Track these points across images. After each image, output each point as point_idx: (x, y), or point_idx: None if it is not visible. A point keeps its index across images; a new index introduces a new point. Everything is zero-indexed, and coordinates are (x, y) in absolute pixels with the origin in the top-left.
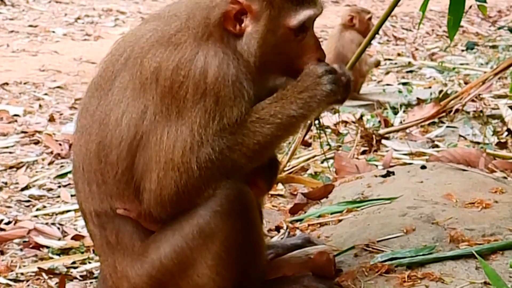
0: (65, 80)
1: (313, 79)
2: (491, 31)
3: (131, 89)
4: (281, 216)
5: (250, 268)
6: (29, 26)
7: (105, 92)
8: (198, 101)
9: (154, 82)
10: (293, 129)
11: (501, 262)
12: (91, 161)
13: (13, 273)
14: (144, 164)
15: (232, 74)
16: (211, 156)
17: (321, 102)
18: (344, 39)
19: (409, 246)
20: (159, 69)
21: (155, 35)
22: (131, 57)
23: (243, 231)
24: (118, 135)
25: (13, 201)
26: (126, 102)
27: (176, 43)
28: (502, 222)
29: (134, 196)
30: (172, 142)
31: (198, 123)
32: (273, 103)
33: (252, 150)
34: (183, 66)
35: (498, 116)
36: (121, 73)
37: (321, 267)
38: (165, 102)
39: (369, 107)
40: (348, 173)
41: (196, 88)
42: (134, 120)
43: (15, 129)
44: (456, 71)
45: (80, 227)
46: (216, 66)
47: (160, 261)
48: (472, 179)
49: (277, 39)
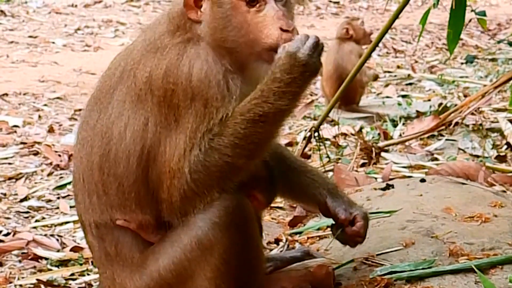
0: (65, 91)
1: (288, 61)
2: (491, 44)
3: (129, 102)
4: (280, 229)
5: (249, 280)
6: (29, 37)
7: (104, 105)
8: (189, 106)
9: (148, 92)
10: (281, 120)
11: (500, 276)
12: (93, 173)
13: (11, 285)
14: (158, 176)
15: (216, 73)
16: (199, 158)
17: (303, 83)
18: (343, 50)
19: (408, 260)
20: (151, 78)
21: (144, 45)
22: (126, 70)
23: (242, 243)
24: (125, 148)
25: (12, 212)
26: (127, 115)
27: (162, 48)
28: (501, 236)
29: (136, 207)
30: (173, 151)
31: (190, 129)
32: (254, 99)
33: (246, 149)
34: (170, 73)
35: (497, 130)
36: (118, 86)
37: (320, 280)
38: (163, 112)
39: (369, 120)
40: (347, 185)
41: (186, 94)
42: (138, 133)
43: (14, 140)
44: (456, 84)
45: (79, 239)
46: (199, 69)
47: (159, 273)
48: (471, 192)
49: (226, 11)
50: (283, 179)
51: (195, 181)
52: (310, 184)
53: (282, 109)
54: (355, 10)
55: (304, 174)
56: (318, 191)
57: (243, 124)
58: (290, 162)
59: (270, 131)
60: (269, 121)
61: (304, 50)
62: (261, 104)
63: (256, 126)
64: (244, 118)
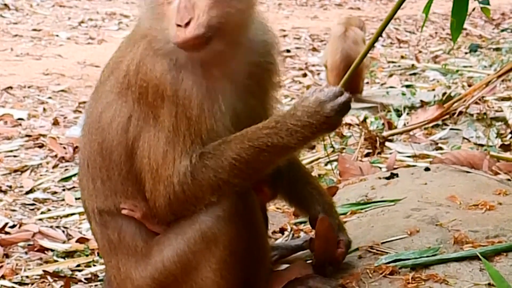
0: (69, 83)
1: (314, 106)
2: (495, 34)
3: (115, 94)
4: (285, 218)
5: (254, 271)
6: (33, 30)
7: (99, 94)
8: (161, 105)
9: (126, 88)
10: (285, 155)
11: (505, 263)
12: (96, 158)
13: (18, 276)
14: (139, 171)
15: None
16: (189, 170)
17: (317, 132)
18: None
19: (413, 248)
20: (127, 72)
21: (130, 34)
22: (116, 61)
23: (247, 234)
24: (113, 138)
25: (17, 204)
26: (113, 106)
27: (138, 39)
28: (506, 224)
29: (138, 194)
30: (153, 150)
31: (168, 129)
32: (266, 128)
33: (245, 172)
34: (140, 69)
35: (501, 119)
36: (110, 76)
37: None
38: (141, 108)
39: (373, 110)
40: (352, 175)
41: (156, 91)
42: (122, 125)
43: (19, 132)
44: (460, 73)
45: (85, 230)
46: (153, 66)
47: (163, 264)
48: (476, 181)
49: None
50: (283, 182)
51: (184, 192)
52: (307, 197)
53: (289, 146)
54: (359, 1)
55: (305, 185)
56: (313, 206)
57: (250, 150)
58: (295, 168)
59: (272, 161)
60: (274, 153)
61: (334, 104)
62: (272, 136)
63: (260, 154)
64: (252, 145)
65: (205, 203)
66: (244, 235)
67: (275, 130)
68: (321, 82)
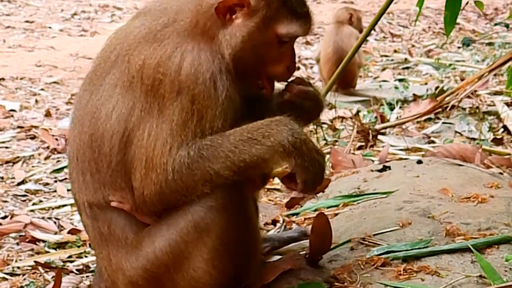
0: (62, 75)
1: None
2: (488, 28)
3: (120, 87)
4: (278, 210)
5: (246, 261)
6: (26, 21)
7: (96, 87)
8: (175, 98)
9: (139, 80)
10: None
11: (496, 256)
12: (85, 151)
13: (9, 267)
14: (131, 161)
15: (206, 71)
16: (185, 160)
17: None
18: (342, 33)
19: (405, 240)
20: (143, 67)
21: (142, 32)
22: (120, 55)
23: (239, 224)
24: (109, 129)
25: (9, 195)
26: (116, 98)
27: (161, 39)
28: (497, 216)
29: (126, 186)
30: (153, 139)
31: (176, 122)
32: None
33: (236, 165)
34: (162, 63)
35: (494, 113)
36: (112, 70)
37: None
38: (148, 100)
39: (366, 103)
40: (344, 167)
41: (172, 86)
42: (123, 116)
43: (11, 124)
44: (452, 67)
45: (76, 222)
46: (189, 63)
47: (155, 255)
48: (468, 174)
49: (261, 39)
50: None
51: (176, 181)
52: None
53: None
54: None
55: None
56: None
57: (247, 143)
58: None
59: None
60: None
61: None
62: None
63: (254, 147)
64: (251, 136)
65: (195, 194)
66: (236, 225)
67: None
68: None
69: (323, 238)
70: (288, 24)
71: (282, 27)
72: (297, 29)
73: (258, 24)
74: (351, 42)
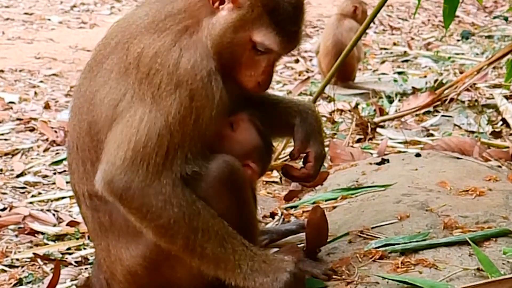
0: (61, 67)
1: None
2: (487, 21)
3: (116, 72)
4: (276, 203)
5: None
6: (25, 13)
7: (94, 74)
8: (172, 91)
9: (135, 67)
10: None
11: (494, 249)
12: (84, 139)
13: (8, 258)
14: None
15: (202, 68)
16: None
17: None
18: (342, 27)
19: (403, 233)
20: (141, 55)
21: (145, 21)
22: (121, 42)
23: (236, 209)
24: (103, 114)
25: (8, 187)
26: (110, 84)
27: (161, 30)
28: (495, 209)
29: None
30: (144, 123)
31: (173, 116)
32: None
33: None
34: (161, 54)
35: (492, 106)
36: (110, 56)
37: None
38: (142, 88)
39: (364, 96)
40: (343, 160)
41: (170, 78)
42: (114, 101)
43: (10, 116)
44: (452, 60)
45: (75, 214)
46: (187, 59)
47: (155, 242)
48: (466, 167)
49: (235, 39)
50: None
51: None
52: (282, 114)
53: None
54: None
55: (277, 105)
56: (291, 120)
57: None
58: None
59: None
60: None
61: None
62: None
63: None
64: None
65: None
66: (233, 209)
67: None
68: (313, 68)
69: (319, 232)
70: (266, 34)
71: (258, 35)
72: (274, 43)
73: (236, 23)
74: (351, 36)
